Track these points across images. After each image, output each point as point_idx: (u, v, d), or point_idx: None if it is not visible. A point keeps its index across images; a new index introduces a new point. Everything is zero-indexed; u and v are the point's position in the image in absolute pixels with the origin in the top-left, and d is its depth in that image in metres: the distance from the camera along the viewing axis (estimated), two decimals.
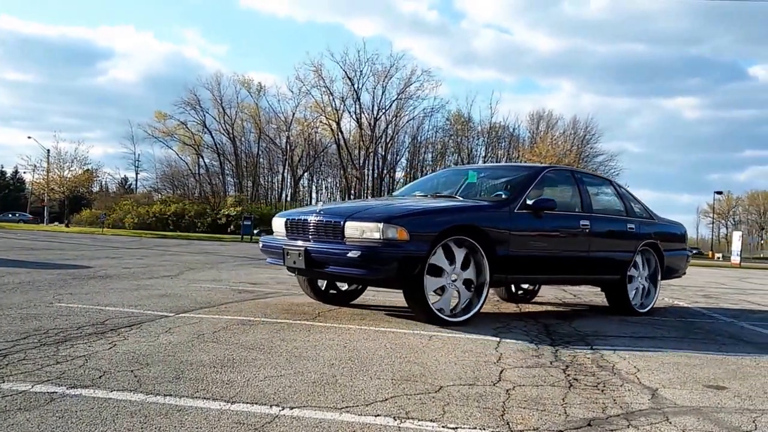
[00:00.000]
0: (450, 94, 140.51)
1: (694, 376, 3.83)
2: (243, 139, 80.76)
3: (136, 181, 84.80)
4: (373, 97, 77.32)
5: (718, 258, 52.91)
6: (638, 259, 7.22)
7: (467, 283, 5.52)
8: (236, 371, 3.35)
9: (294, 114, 79.37)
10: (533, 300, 8.07)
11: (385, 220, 5.11)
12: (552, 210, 6.11)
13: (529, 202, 6.00)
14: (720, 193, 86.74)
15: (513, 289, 7.94)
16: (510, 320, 6.08)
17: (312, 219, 5.56)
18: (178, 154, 78.81)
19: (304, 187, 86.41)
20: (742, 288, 13.86)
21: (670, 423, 2.82)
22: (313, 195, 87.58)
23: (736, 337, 5.57)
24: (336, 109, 77.44)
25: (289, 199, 79.32)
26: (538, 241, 6.18)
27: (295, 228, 5.77)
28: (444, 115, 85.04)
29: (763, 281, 18.14)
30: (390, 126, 79.73)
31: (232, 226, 57.74)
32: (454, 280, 5.42)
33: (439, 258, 5.32)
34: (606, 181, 8.03)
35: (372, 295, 7.38)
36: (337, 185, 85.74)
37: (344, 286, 6.64)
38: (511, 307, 7.22)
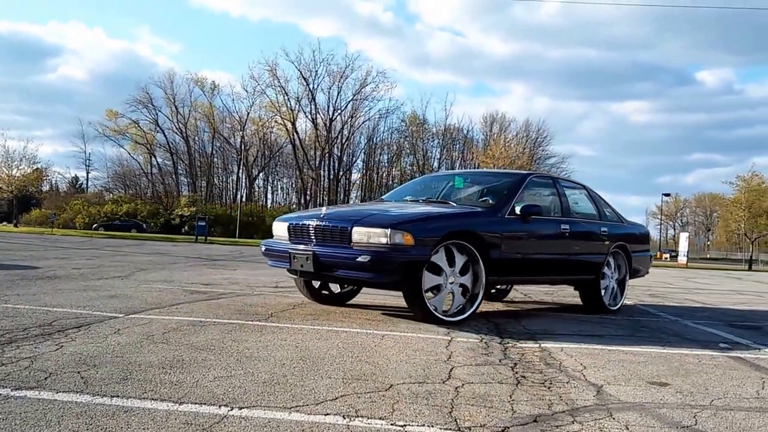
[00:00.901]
0: (405, 96, 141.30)
1: (638, 373, 3.94)
2: (197, 138, 79.71)
3: (87, 180, 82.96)
4: (329, 98, 77.19)
5: (666, 258, 54.27)
6: (610, 259, 7.58)
7: (463, 288, 5.74)
8: (185, 372, 3.32)
9: (249, 113, 78.67)
10: (504, 299, 8.15)
11: (392, 226, 5.34)
12: (539, 215, 6.48)
13: (517, 207, 6.29)
14: (668, 195, 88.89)
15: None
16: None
17: (318, 224, 5.74)
18: (130, 154, 77.39)
19: (259, 188, 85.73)
20: (687, 287, 14.28)
21: (614, 419, 2.91)
22: (269, 196, 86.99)
23: (681, 335, 5.75)
24: (291, 109, 77.02)
25: (244, 199, 78.55)
26: (525, 245, 6.49)
27: (299, 232, 5.94)
28: (399, 117, 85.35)
29: (707, 280, 18.71)
30: (346, 127, 79.64)
31: (186, 227, 57.02)
32: (452, 282, 5.66)
33: (439, 258, 5.56)
34: (581, 186, 8.36)
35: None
36: (293, 186, 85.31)
37: (336, 288, 6.76)
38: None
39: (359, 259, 5.22)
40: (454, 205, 6.59)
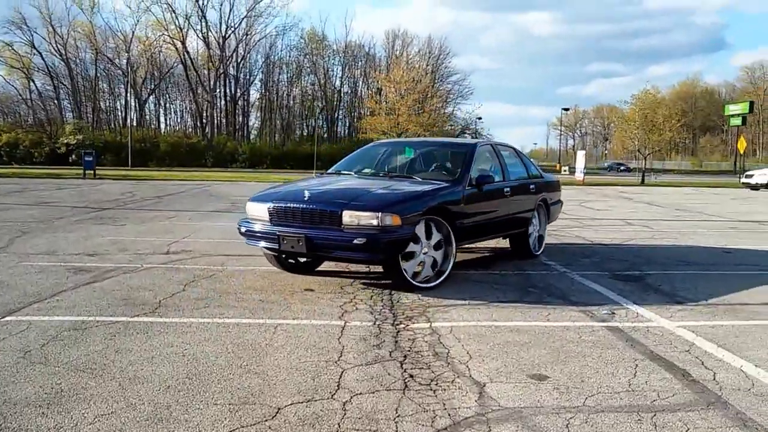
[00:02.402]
0: (303, 12, 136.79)
1: (520, 362, 4.08)
2: (78, 60, 74.63)
3: None
4: (221, 14, 73.83)
5: (565, 171, 56.35)
6: (535, 212, 8.55)
7: (434, 260, 6.35)
8: (64, 411, 3.17)
9: (134, 32, 74.21)
10: None
11: (382, 209, 5.87)
12: (490, 183, 7.20)
13: (474, 178, 6.99)
14: (567, 109, 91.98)
15: None
16: (359, 289, 6.19)
17: (306, 207, 6.13)
18: (5, 79, 71.68)
19: (151, 111, 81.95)
20: (580, 217, 14.92)
21: None
22: (161, 119, 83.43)
23: (566, 297, 5.99)
24: (180, 28, 73.19)
25: (135, 124, 75.06)
26: (480, 210, 7.14)
27: (284, 215, 6.27)
28: (298, 34, 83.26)
29: (599, 204, 19.60)
30: (241, 45, 76.66)
31: (73, 156, 53.99)
32: (425, 253, 6.25)
33: (419, 229, 6.14)
34: (511, 147, 9.23)
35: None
36: (187, 109, 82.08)
37: (302, 259, 7.05)
38: (361, 268, 7.35)
39: (355, 241, 5.72)
40: (420, 180, 7.12)
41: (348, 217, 5.87)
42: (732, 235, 11.50)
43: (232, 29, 74.55)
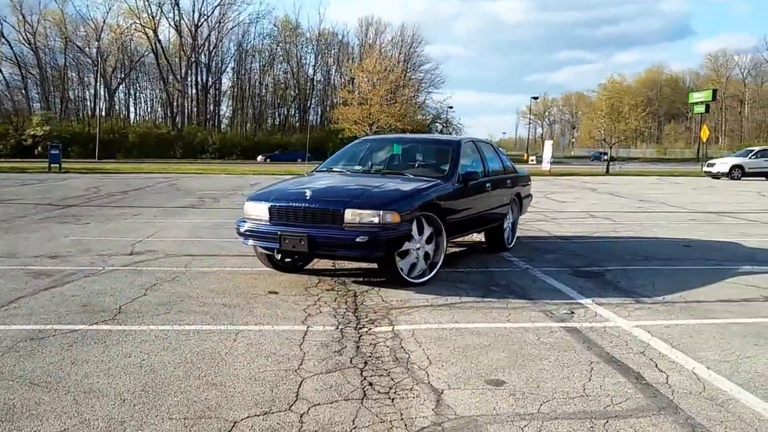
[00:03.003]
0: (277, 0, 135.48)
1: (479, 367, 4.13)
2: (47, 49, 73.22)
3: None
4: (194, 2, 72.87)
5: (532, 161, 56.73)
6: (510, 206, 8.90)
7: (426, 254, 6.52)
8: (15, 429, 3.14)
9: (105, 20, 73.03)
10: None
11: (382, 207, 6.05)
12: (475, 179, 7.44)
13: (461, 175, 7.22)
14: (536, 98, 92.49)
15: None
16: (324, 291, 6.19)
17: (308, 206, 6.22)
18: None
19: (120, 101, 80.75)
20: (544, 210, 15.07)
21: None
22: (131, 109, 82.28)
23: (527, 296, 6.05)
24: (152, 16, 72.19)
25: (104, 114, 73.89)
26: (466, 206, 7.34)
27: (284, 214, 6.34)
28: (271, 21, 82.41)
29: (564, 195, 19.81)
30: (213, 33, 75.85)
31: (39, 148, 52.98)
32: (418, 249, 6.41)
33: (413, 226, 6.28)
34: (488, 143, 9.74)
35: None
36: (158, 98, 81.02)
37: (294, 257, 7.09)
38: (328, 263, 7.36)
39: (358, 239, 5.87)
40: (412, 177, 7.26)
41: (350, 215, 6.00)
42: (691, 227, 11.70)
43: (205, 17, 73.76)
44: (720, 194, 21.10)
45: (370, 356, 4.32)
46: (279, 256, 6.89)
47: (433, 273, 6.54)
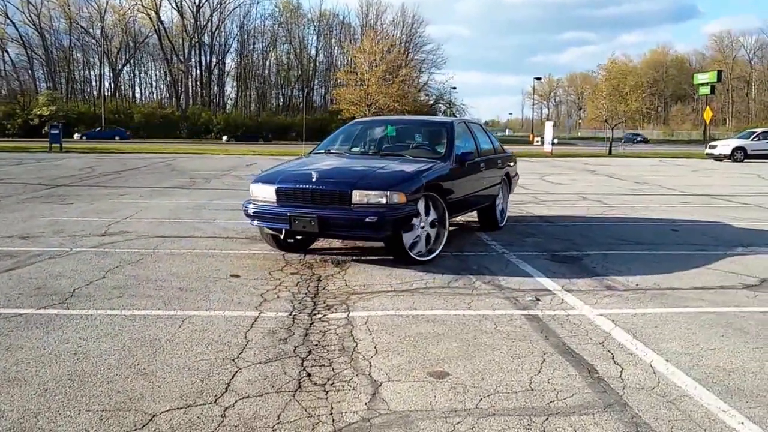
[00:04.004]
0: None
1: (426, 357, 3.95)
2: (52, 30, 73.14)
3: None
4: None
5: (537, 142, 56.23)
6: (501, 185, 8.99)
7: (428, 236, 6.58)
8: None
9: (108, 1, 72.69)
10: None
11: (389, 187, 6.15)
12: (471, 159, 7.54)
13: (458, 156, 7.29)
14: (539, 78, 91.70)
15: None
16: (288, 274, 6.03)
17: (316, 188, 6.28)
18: None
19: (125, 82, 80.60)
20: (537, 191, 14.84)
21: None
22: (136, 90, 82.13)
23: (494, 282, 5.84)
24: None
25: (109, 94, 73.80)
26: (463, 186, 7.40)
27: (292, 196, 6.40)
28: (272, 2, 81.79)
29: (561, 177, 19.55)
30: (215, 14, 75.43)
31: (46, 128, 52.93)
32: (422, 227, 6.49)
33: (420, 205, 6.41)
34: (479, 124, 9.81)
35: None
36: (162, 78, 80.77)
37: (298, 237, 7.13)
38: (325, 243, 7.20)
39: (367, 219, 5.96)
40: (411, 158, 7.32)
41: (357, 196, 6.09)
42: (683, 210, 11.47)
43: None
44: (719, 177, 20.78)
45: (316, 345, 4.16)
46: (284, 237, 6.96)
47: (437, 251, 6.64)
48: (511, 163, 9.81)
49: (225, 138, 58.21)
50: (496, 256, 7.05)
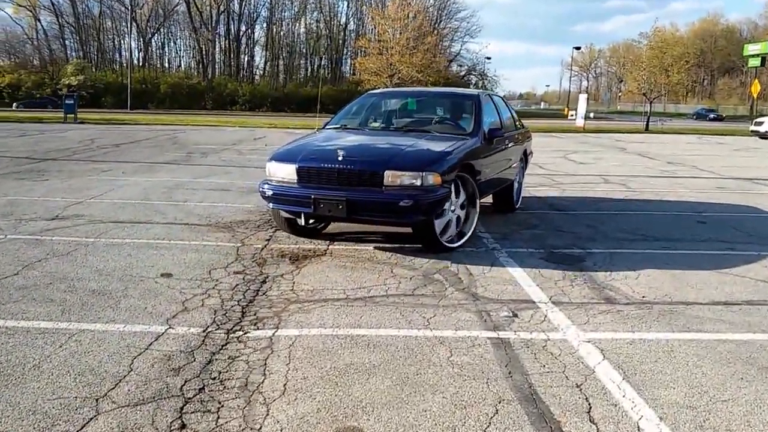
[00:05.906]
0: None
1: (344, 402, 3.03)
2: None
3: None
4: None
5: (572, 116, 54.25)
6: (520, 163, 8.52)
7: (458, 219, 6.07)
8: None
9: None
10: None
11: (423, 168, 5.55)
12: (499, 136, 7.02)
13: (486, 132, 6.75)
14: (578, 48, 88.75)
15: None
16: (231, 273, 5.16)
17: (343, 167, 5.62)
18: (11, 17, 70.08)
19: (154, 52, 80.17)
20: (554, 172, 13.72)
21: None
22: (166, 59, 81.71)
23: (470, 289, 4.85)
24: None
25: (140, 63, 73.51)
26: (491, 164, 6.87)
27: (316, 176, 5.75)
28: None
29: (588, 155, 18.29)
30: None
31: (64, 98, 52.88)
32: (453, 211, 5.96)
33: (452, 187, 5.85)
34: (500, 97, 8.91)
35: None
36: (193, 47, 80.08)
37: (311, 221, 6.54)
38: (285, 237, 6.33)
39: (402, 203, 5.38)
40: (439, 135, 6.69)
41: (390, 177, 5.51)
42: (716, 197, 10.23)
43: None
44: (762, 157, 19.15)
45: (214, 378, 3.27)
46: (305, 221, 6.41)
47: (466, 237, 6.15)
48: (529, 139, 9.27)
49: (15, 105, 51.96)
50: (483, 252, 6.05)
